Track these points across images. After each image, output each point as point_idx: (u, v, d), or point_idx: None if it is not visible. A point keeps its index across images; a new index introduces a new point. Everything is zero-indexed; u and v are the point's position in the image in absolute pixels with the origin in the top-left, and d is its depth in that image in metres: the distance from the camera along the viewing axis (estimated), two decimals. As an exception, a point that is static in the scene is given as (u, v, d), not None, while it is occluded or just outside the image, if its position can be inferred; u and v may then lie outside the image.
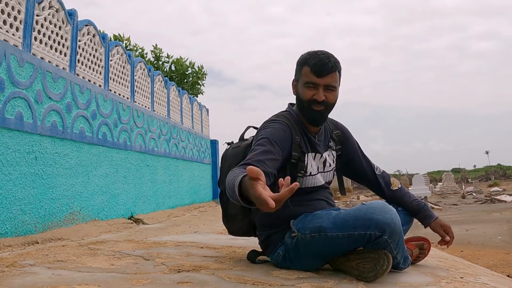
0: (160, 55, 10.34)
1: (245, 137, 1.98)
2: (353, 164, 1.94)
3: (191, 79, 10.53)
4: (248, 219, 1.90)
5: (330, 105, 1.71)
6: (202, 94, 11.17)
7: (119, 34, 9.00)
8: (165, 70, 10.37)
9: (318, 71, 1.65)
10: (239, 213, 1.91)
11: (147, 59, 10.06)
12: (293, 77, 1.79)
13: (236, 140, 2.01)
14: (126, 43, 9.09)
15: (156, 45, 10.41)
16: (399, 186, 1.94)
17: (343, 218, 1.54)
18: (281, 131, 1.66)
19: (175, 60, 10.47)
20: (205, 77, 10.93)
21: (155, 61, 10.21)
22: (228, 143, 2.04)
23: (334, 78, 1.68)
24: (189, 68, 10.54)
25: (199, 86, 10.85)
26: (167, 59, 10.48)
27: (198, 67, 10.65)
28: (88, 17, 4.05)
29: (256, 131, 1.87)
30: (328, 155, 1.85)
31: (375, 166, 1.96)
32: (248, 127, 1.98)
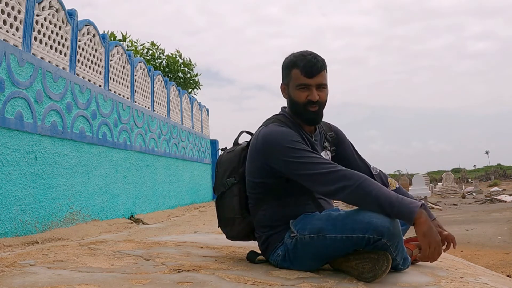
0: (159, 53, 10.20)
1: (239, 142, 1.99)
2: (349, 165, 1.93)
3: (188, 75, 10.34)
4: (247, 222, 1.85)
5: (323, 104, 1.75)
6: (199, 88, 10.91)
7: (124, 34, 8.76)
8: (161, 68, 10.23)
9: (308, 72, 1.69)
10: (238, 216, 1.87)
11: (147, 59, 9.97)
12: (281, 81, 1.81)
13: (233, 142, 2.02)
14: (128, 44, 8.96)
15: (150, 43, 10.19)
16: (397, 186, 1.94)
17: (342, 220, 1.54)
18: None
19: (166, 57, 10.26)
20: (195, 66, 10.67)
21: (152, 60, 10.06)
22: (222, 149, 2.05)
23: (324, 76, 1.73)
24: (177, 56, 10.32)
25: (196, 80, 10.61)
26: (161, 55, 10.28)
27: (184, 59, 10.40)
28: (85, 17, 4.05)
29: (249, 136, 1.88)
30: (325, 155, 1.86)
31: (372, 167, 1.96)
32: (242, 132, 1.99)
